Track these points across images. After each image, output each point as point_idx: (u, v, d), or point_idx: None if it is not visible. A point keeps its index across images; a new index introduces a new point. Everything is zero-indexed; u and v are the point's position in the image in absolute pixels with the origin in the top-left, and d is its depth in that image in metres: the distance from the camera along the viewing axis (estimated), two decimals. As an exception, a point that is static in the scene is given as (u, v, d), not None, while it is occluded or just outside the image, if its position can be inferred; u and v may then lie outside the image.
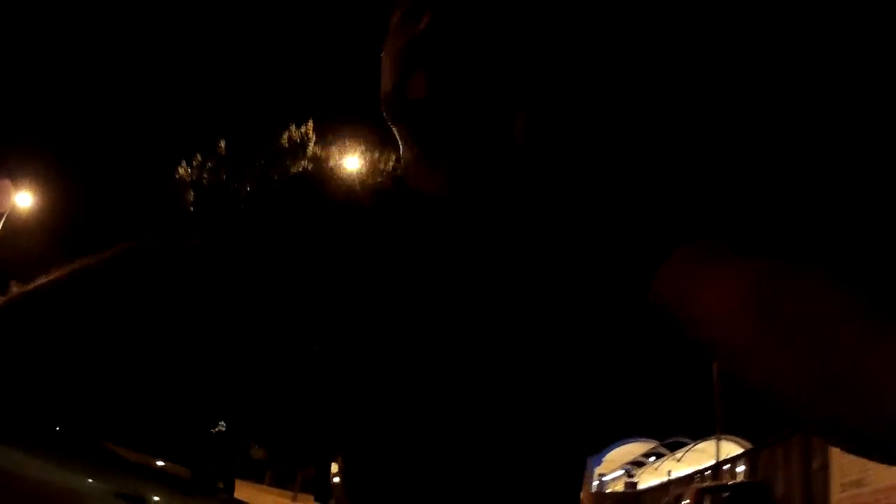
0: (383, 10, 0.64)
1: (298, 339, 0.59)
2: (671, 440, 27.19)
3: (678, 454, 26.14)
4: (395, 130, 0.62)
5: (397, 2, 0.61)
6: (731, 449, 21.75)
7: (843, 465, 8.98)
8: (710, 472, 18.79)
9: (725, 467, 16.96)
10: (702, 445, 23.20)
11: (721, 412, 17.94)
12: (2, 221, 16.43)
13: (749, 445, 19.83)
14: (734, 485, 12.58)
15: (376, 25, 0.66)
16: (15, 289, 0.50)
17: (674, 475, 24.13)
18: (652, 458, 29.36)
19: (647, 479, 29.20)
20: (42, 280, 0.49)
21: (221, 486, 4.27)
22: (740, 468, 15.22)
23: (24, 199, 18.82)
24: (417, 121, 0.59)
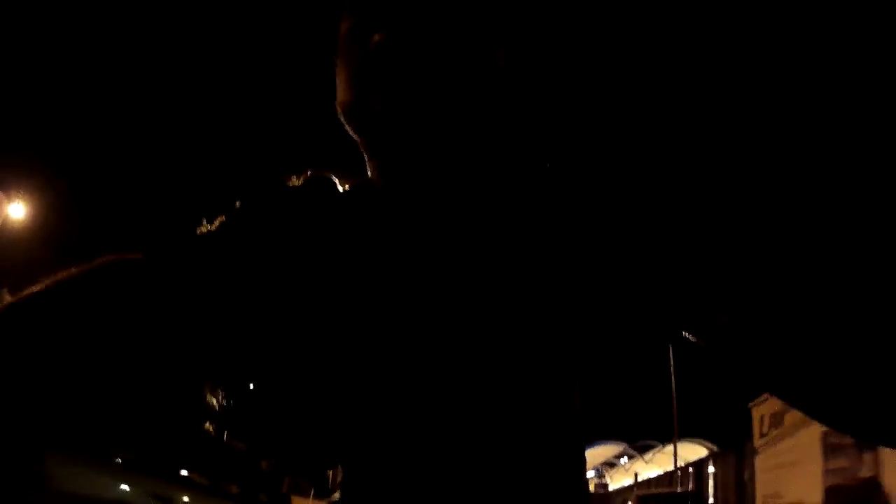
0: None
1: (287, 345, 0.59)
2: (641, 443, 28.30)
3: (647, 456, 27.30)
4: (355, 139, 0.62)
5: (347, 10, 0.61)
6: (698, 451, 22.86)
7: (764, 479, 10.23)
8: (666, 477, 20.09)
9: (679, 474, 18.26)
10: (670, 448, 24.30)
11: (678, 419, 19.11)
12: (-5, 231, 16.80)
13: (714, 448, 20.99)
14: (669, 494, 13.90)
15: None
16: (7, 297, 0.51)
17: (641, 477, 25.38)
18: (624, 459, 30.53)
19: (620, 480, 30.37)
20: (25, 292, 0.50)
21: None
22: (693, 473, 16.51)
23: (18, 210, 19.25)
24: (375, 136, 0.59)
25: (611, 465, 31.46)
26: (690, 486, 15.39)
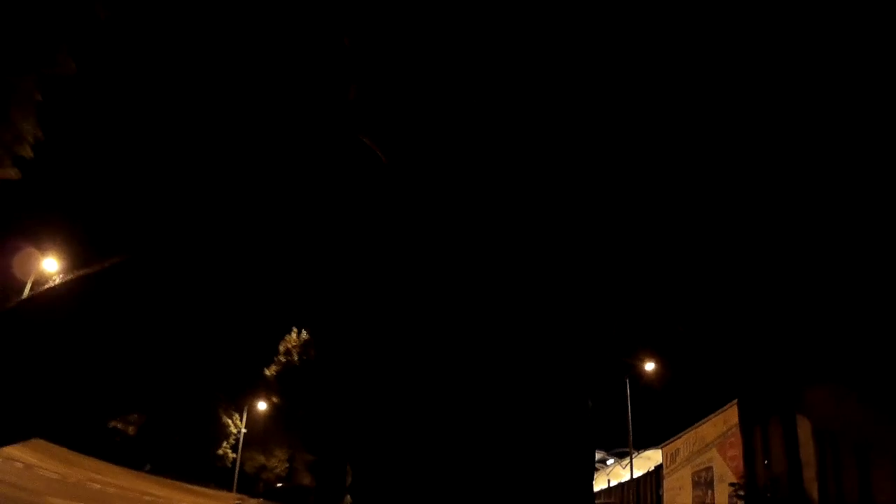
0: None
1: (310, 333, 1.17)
2: (618, 450, 31.19)
3: (623, 462, 30.07)
4: (365, 141, 0.61)
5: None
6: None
7: (667, 498, 13.88)
8: (618, 488, 23.57)
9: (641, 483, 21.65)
10: (647, 453, 27.06)
11: (632, 434, 22.26)
12: (28, 287, 18.58)
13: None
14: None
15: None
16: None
17: (614, 482, 28.43)
18: (610, 461, 33.36)
19: (601, 483, 33.31)
20: (45, 288, 0.48)
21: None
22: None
23: (51, 265, 21.30)
24: (378, 134, 0.58)
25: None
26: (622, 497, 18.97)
